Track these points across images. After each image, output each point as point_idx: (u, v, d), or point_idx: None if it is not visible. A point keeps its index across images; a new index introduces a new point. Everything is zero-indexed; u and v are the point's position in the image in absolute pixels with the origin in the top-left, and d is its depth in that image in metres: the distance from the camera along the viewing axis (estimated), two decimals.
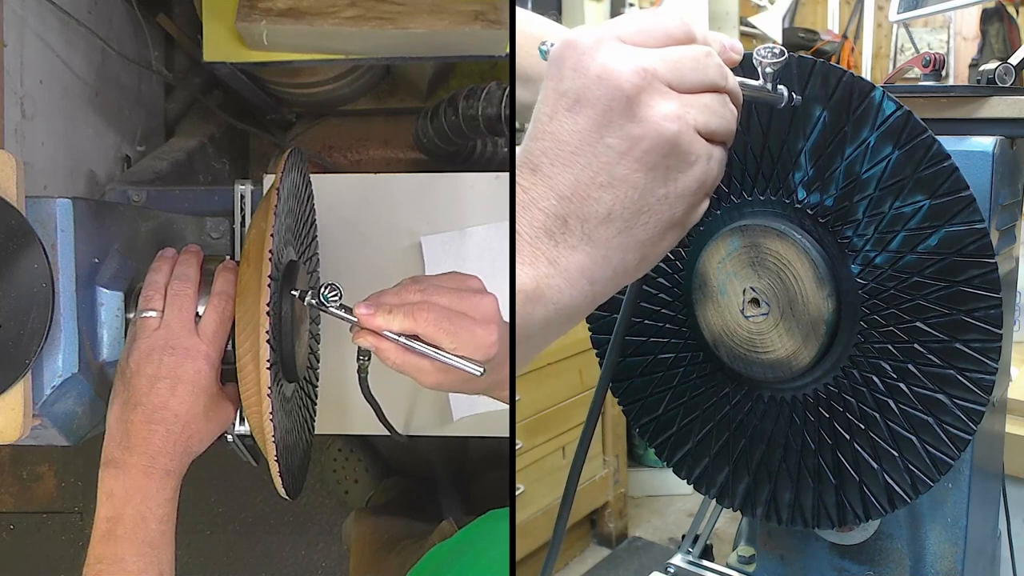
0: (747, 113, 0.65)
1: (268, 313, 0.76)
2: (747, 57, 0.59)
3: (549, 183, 0.48)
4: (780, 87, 0.60)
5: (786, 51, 0.58)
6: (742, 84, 0.55)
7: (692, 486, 0.78)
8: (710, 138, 0.50)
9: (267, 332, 0.75)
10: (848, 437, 0.68)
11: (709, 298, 0.70)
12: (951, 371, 0.63)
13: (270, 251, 0.76)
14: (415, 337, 0.76)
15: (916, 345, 0.64)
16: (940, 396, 0.64)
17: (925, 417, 0.65)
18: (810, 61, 0.62)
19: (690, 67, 0.50)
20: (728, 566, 0.99)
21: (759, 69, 0.58)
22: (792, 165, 0.65)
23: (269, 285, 0.76)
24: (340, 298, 0.79)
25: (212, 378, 0.82)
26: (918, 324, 0.64)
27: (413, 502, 1.70)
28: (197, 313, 0.84)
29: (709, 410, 0.75)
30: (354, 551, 1.47)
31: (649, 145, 0.48)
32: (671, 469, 0.79)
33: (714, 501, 0.79)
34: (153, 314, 0.83)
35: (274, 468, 0.80)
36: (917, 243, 0.62)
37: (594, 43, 0.49)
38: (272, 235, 0.77)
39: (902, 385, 0.65)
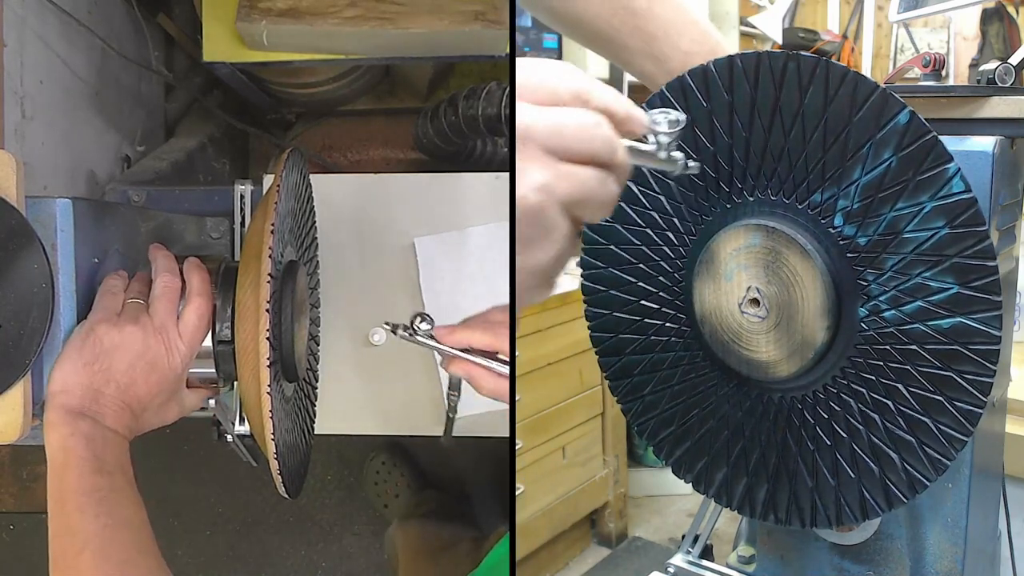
0: (823, 108, 0.63)
1: (268, 311, 0.76)
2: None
3: None
4: (675, 153, 0.52)
5: (683, 120, 0.50)
6: (632, 149, 0.48)
7: (692, 486, 0.78)
8: (577, 218, 0.45)
9: (267, 331, 0.76)
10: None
11: (712, 277, 0.70)
12: (913, 438, 0.64)
13: (270, 248, 0.76)
14: (495, 355, 0.80)
15: (889, 403, 0.65)
16: (900, 456, 0.65)
17: (874, 467, 0.65)
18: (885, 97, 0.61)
19: (573, 135, 0.44)
20: (728, 566, 0.99)
21: (653, 136, 0.51)
22: (840, 191, 0.64)
23: (269, 283, 0.76)
24: (432, 328, 0.82)
25: (178, 377, 0.85)
26: (898, 386, 0.64)
27: (452, 515, 1.68)
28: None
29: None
30: (403, 557, 1.46)
31: None
32: (670, 469, 0.79)
33: (714, 501, 0.79)
34: (141, 301, 0.84)
35: (274, 467, 0.80)
36: (929, 318, 0.62)
37: None
38: (272, 231, 0.77)
39: (868, 424, 0.65)
